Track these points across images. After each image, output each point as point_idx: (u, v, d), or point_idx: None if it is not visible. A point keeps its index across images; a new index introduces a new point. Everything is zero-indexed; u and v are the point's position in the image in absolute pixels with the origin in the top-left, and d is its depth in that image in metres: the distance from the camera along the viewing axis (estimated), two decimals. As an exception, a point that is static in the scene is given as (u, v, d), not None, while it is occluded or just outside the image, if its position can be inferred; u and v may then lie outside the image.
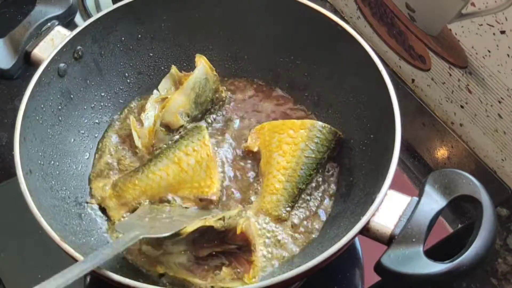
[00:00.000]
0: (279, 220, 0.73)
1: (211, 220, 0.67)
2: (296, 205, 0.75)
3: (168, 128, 0.80)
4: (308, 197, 0.75)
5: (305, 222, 0.74)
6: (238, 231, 0.67)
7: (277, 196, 0.74)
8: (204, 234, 0.68)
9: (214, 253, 0.69)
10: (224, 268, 0.68)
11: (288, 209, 0.73)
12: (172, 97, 0.79)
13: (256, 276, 0.67)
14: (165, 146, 0.79)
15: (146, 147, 0.79)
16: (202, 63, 0.80)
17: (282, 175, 0.74)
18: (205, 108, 0.82)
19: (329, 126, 0.76)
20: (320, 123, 0.77)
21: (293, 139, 0.76)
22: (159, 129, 0.79)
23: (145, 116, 0.80)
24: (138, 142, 0.79)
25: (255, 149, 0.78)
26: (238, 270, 0.68)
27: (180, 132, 0.80)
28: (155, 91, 0.82)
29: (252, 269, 0.67)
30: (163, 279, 0.68)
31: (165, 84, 0.83)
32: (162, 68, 0.85)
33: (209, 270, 0.68)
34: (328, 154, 0.77)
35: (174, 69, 0.82)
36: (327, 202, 0.75)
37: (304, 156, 0.75)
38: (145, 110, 0.81)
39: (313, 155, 0.75)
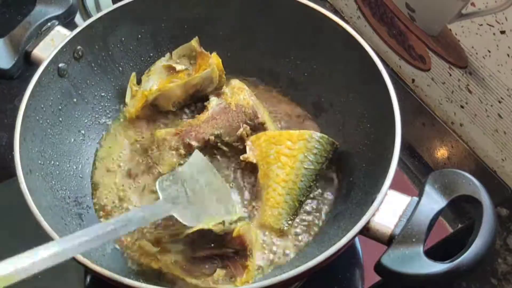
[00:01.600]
0: (280, 232, 0.72)
1: (211, 223, 0.67)
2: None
3: (156, 107, 0.81)
4: (308, 197, 0.75)
5: (305, 223, 0.74)
6: (235, 234, 0.67)
7: (278, 209, 0.73)
8: (203, 236, 0.68)
9: (211, 255, 0.69)
10: (218, 270, 0.68)
11: (290, 222, 0.73)
12: (171, 87, 0.80)
13: (249, 281, 0.67)
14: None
15: (130, 113, 0.80)
16: (213, 66, 0.80)
17: (282, 188, 0.73)
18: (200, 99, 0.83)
19: (326, 136, 0.75)
20: (318, 133, 0.75)
21: (291, 150, 0.74)
22: (148, 105, 0.80)
23: (147, 78, 0.80)
24: (128, 98, 0.81)
25: (254, 161, 0.76)
26: (233, 273, 0.68)
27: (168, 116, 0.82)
28: (167, 54, 0.83)
29: (246, 273, 0.67)
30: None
31: (180, 51, 0.83)
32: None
33: (204, 271, 0.68)
34: (326, 165, 0.76)
35: (195, 41, 0.82)
36: (327, 202, 0.75)
37: (304, 167, 0.74)
38: (149, 71, 0.81)
39: (312, 167, 0.74)
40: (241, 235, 0.67)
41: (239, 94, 0.79)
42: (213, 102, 0.80)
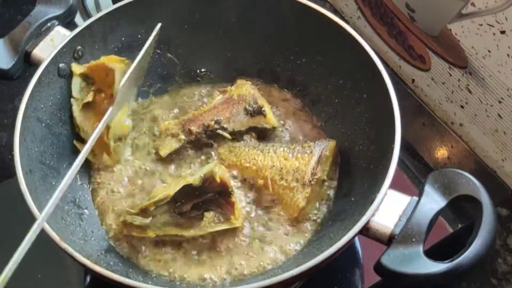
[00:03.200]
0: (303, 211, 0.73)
1: (191, 179, 0.70)
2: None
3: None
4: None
5: (305, 223, 0.74)
6: (218, 180, 0.70)
7: (290, 193, 0.73)
8: (184, 192, 0.70)
9: (195, 204, 0.71)
10: (206, 214, 0.70)
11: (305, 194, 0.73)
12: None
13: (241, 217, 0.71)
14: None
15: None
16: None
17: (278, 175, 0.74)
18: None
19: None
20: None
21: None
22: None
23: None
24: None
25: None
26: (222, 213, 0.70)
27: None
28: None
29: (236, 209, 0.70)
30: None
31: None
32: (162, 67, 0.86)
33: (194, 220, 0.70)
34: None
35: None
36: (327, 202, 0.75)
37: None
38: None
39: None
40: (223, 178, 0.70)
41: (242, 87, 0.81)
42: (218, 97, 0.82)
